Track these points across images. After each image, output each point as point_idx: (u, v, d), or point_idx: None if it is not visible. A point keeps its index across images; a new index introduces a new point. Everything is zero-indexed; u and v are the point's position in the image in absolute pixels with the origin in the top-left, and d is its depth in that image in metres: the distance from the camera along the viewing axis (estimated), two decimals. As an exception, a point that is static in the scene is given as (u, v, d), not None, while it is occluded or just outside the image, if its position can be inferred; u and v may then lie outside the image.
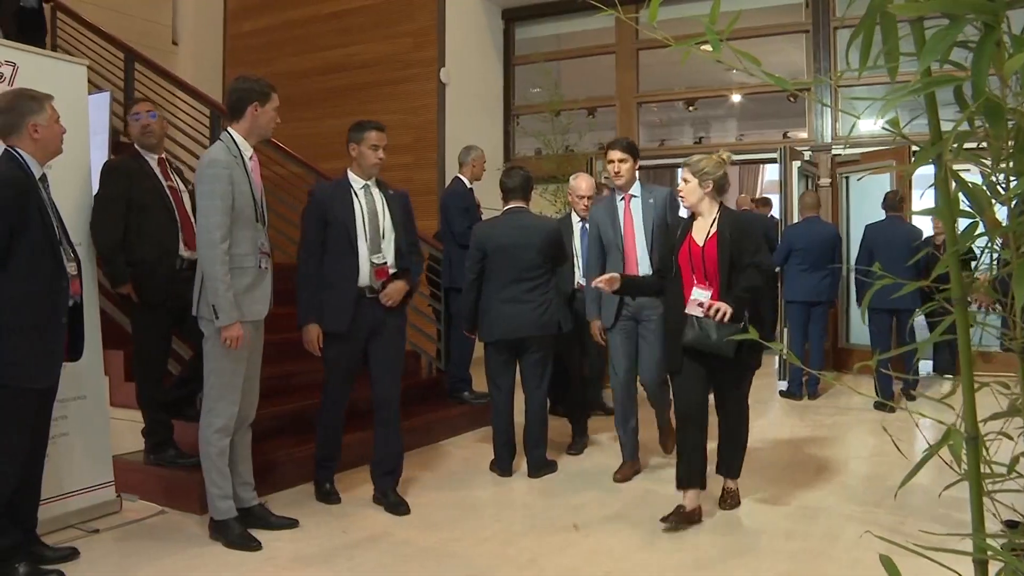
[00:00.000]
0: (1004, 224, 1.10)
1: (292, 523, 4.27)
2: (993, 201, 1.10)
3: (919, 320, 7.71)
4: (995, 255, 1.17)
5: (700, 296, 4.24)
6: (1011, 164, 1.11)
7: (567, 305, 5.65)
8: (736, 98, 11.41)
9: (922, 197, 7.91)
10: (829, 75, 9.20)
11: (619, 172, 5.14)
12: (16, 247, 3.36)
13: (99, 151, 5.17)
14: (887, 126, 1.18)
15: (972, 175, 1.30)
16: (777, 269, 8.48)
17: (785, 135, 11.13)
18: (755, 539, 4.15)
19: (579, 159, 9.50)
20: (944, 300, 1.16)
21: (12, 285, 3.36)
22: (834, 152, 9.55)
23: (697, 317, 4.20)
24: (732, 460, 4.63)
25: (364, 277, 4.53)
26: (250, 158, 4.07)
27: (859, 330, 9.30)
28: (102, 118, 5.99)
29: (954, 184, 1.11)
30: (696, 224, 4.40)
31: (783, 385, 8.19)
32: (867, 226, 7.88)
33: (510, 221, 5.27)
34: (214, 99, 7.78)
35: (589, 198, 6.13)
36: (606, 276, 4.54)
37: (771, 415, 7.48)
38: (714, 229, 4.32)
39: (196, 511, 4.38)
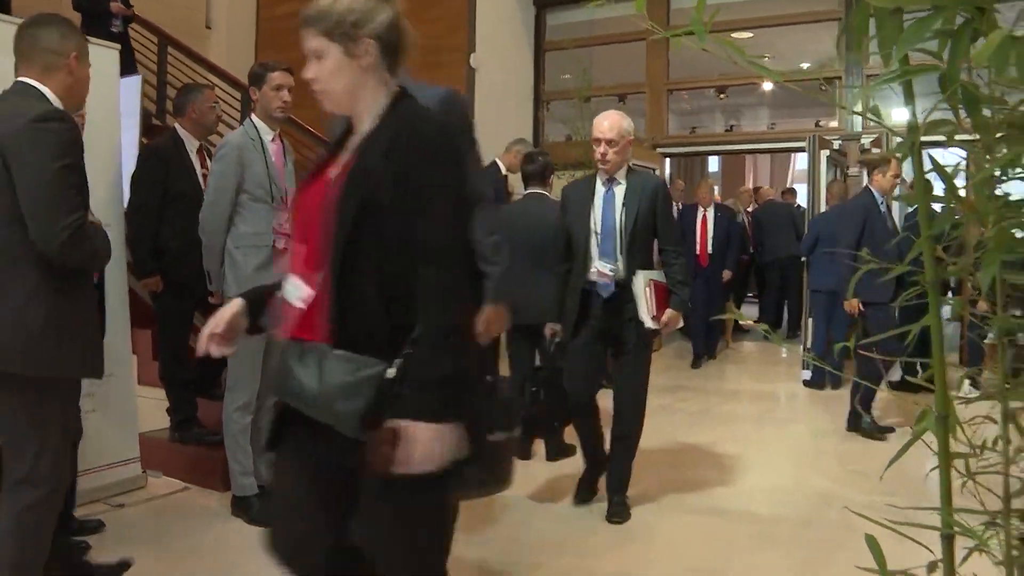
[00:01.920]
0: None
1: (313, 501, 4.35)
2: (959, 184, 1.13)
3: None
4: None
5: (293, 293, 2.03)
6: (1001, 153, 1.14)
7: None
8: (767, 86, 11.33)
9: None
10: (854, 63, 9.10)
11: None
12: None
13: (129, 133, 5.27)
14: (870, 116, 1.20)
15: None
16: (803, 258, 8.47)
17: (817, 124, 11.06)
18: (775, 527, 4.17)
19: (608, 146, 9.47)
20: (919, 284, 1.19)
21: None
22: (862, 140, 9.48)
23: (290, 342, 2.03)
24: None
25: None
26: (271, 140, 4.15)
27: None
28: (132, 101, 6.09)
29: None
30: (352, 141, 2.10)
31: (807, 375, 8.16)
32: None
33: (524, 206, 5.31)
34: (245, 83, 7.86)
35: (609, 143, 4.18)
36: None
37: (794, 405, 7.48)
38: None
39: (218, 488, 4.46)
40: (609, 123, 4.20)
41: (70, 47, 2.81)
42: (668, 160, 11.10)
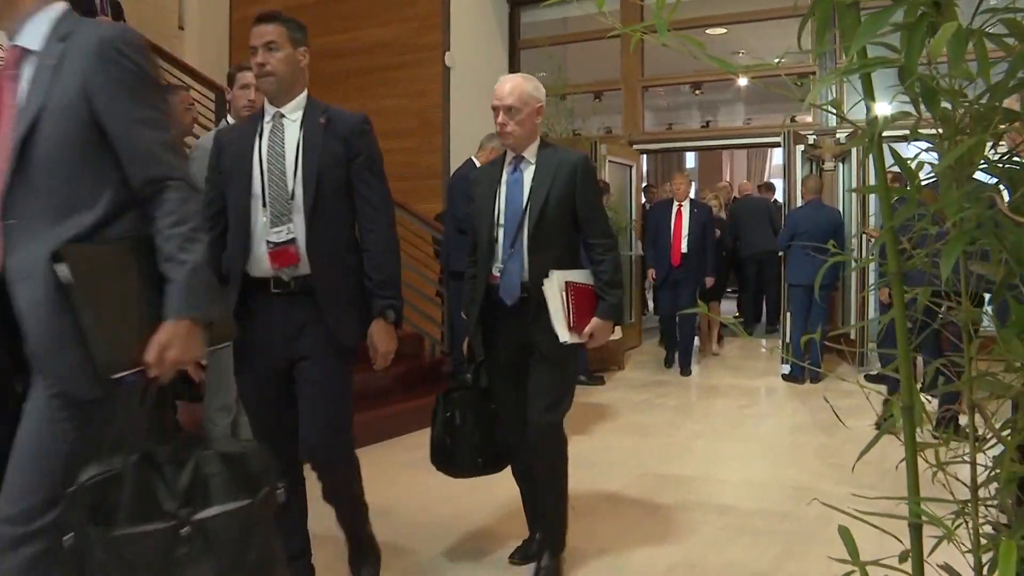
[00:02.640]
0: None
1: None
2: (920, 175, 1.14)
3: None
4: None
5: None
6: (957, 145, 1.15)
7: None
8: (743, 82, 11.37)
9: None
10: (827, 58, 9.14)
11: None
12: None
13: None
14: (829, 109, 1.22)
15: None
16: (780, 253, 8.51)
17: (792, 119, 11.13)
18: (752, 519, 4.19)
19: (584, 143, 9.50)
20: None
21: None
22: (837, 135, 9.53)
23: None
24: None
25: (257, 263, 2.93)
26: None
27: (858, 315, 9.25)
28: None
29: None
30: None
31: (786, 369, 8.21)
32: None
33: None
34: (220, 84, 7.82)
35: (509, 111, 3.40)
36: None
37: (773, 399, 7.52)
38: None
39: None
40: (510, 86, 3.41)
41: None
42: (645, 157, 11.11)
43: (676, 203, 8.82)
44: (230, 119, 4.19)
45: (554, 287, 3.25)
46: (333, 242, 2.96)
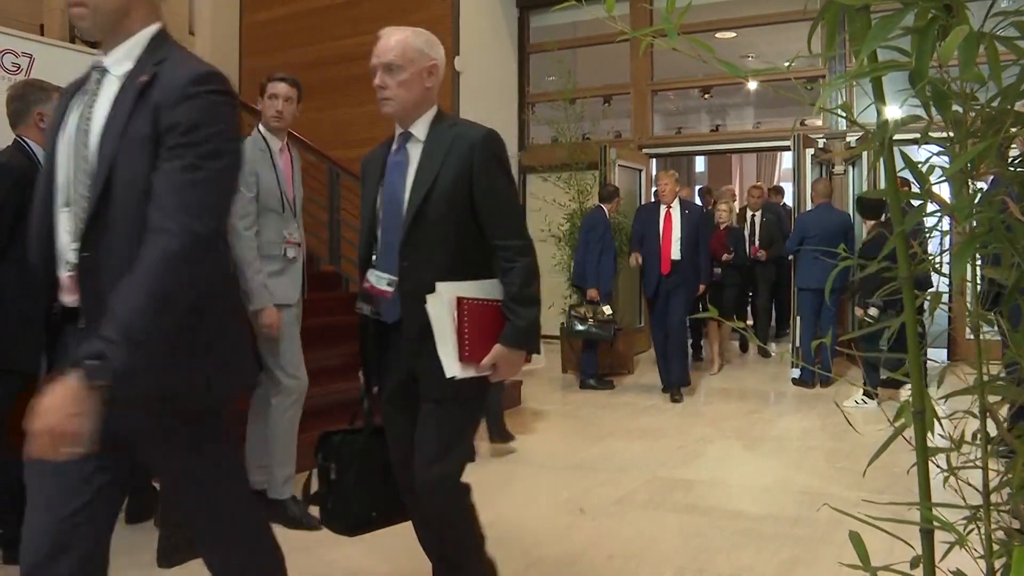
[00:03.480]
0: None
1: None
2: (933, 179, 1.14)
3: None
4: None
5: None
6: (969, 148, 1.15)
7: None
8: (752, 85, 11.36)
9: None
10: (838, 61, 9.12)
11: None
12: (18, 235, 3.44)
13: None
14: (838, 112, 1.21)
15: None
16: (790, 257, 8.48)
17: (802, 122, 11.11)
18: (762, 524, 4.18)
19: (594, 147, 9.51)
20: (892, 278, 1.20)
21: (13, 273, 3.44)
22: (847, 139, 9.52)
23: None
24: None
25: (61, 286, 2.00)
26: (279, 151, 4.16)
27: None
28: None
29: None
30: None
31: (795, 373, 8.18)
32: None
33: None
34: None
35: (390, 69, 2.61)
36: None
37: (782, 403, 7.50)
38: None
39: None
40: (395, 39, 2.62)
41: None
42: (654, 161, 11.13)
43: (664, 206, 7.77)
44: (262, 130, 4.16)
45: (441, 306, 2.52)
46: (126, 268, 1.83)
